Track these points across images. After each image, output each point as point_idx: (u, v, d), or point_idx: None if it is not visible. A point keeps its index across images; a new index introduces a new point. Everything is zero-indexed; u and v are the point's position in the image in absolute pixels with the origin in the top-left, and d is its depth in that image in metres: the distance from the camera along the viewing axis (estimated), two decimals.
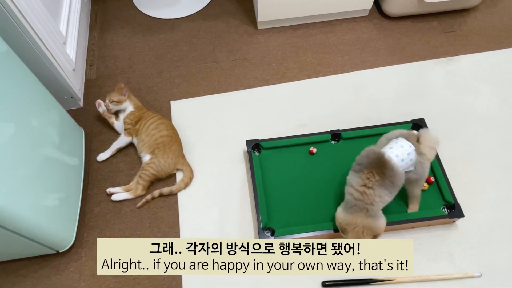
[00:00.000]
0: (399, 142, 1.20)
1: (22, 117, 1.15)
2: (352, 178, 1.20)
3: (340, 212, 1.22)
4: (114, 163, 1.55)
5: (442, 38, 1.86)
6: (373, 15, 1.95)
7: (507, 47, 1.81)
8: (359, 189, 1.16)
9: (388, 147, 1.20)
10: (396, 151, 1.18)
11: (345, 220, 1.19)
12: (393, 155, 1.17)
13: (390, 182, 1.15)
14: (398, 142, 1.20)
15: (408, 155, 1.18)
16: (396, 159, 1.16)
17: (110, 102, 1.55)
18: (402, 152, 1.18)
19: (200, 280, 1.30)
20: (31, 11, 1.34)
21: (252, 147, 1.49)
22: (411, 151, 1.19)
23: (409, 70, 1.76)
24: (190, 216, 1.43)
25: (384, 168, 1.15)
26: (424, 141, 1.23)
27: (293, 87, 1.72)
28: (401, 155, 1.17)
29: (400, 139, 1.22)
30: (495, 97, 1.66)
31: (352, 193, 1.18)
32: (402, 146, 1.19)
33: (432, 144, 1.24)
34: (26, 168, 1.13)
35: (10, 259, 1.34)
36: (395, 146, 1.19)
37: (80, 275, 1.33)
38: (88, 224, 1.43)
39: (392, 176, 1.15)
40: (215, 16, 1.97)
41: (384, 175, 1.15)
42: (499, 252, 1.32)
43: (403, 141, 1.20)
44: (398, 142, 1.20)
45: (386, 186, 1.16)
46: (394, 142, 1.21)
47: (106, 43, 1.90)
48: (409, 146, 1.19)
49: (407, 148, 1.19)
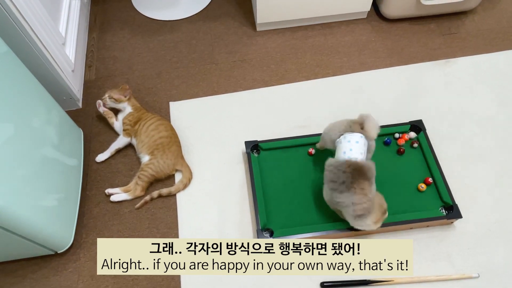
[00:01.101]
0: (350, 139, 1.21)
1: (21, 118, 1.15)
2: (347, 198, 1.18)
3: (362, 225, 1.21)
4: (113, 164, 1.55)
5: (440, 40, 1.87)
6: (371, 17, 1.96)
7: (505, 49, 1.82)
8: (363, 204, 1.16)
9: (347, 148, 1.20)
10: (357, 149, 1.20)
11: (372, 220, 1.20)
12: (359, 156, 1.19)
13: (371, 177, 1.20)
14: (350, 139, 1.21)
15: (364, 146, 1.22)
16: (362, 156, 1.20)
17: (108, 98, 1.56)
18: (360, 147, 1.20)
19: (199, 281, 1.30)
20: (30, 12, 1.34)
21: (251, 148, 1.49)
22: (364, 141, 1.21)
23: (407, 72, 1.76)
24: (189, 217, 1.43)
25: (364, 172, 1.17)
26: (368, 127, 1.23)
27: (292, 88, 1.73)
28: (361, 149, 1.20)
29: (346, 134, 1.23)
30: (492, 99, 1.67)
31: (356, 210, 1.17)
32: (357, 141, 1.21)
33: (376, 126, 1.25)
34: (25, 169, 1.13)
35: (8, 260, 1.34)
36: (351, 145, 1.20)
37: (78, 276, 1.33)
38: (87, 225, 1.43)
39: (371, 172, 1.20)
40: (214, 17, 1.98)
41: (368, 176, 1.18)
42: (497, 253, 1.33)
43: (352, 136, 1.22)
44: (350, 140, 1.21)
45: (372, 182, 1.21)
46: (346, 140, 1.22)
47: (106, 44, 1.90)
48: (360, 137, 1.21)
49: (360, 141, 1.21)
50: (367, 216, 1.18)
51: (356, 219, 1.20)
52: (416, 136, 1.52)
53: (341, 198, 1.19)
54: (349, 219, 1.23)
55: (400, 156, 1.49)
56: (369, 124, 1.23)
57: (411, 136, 1.51)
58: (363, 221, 1.19)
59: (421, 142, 1.49)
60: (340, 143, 1.24)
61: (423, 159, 1.47)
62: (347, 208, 1.20)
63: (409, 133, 1.52)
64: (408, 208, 1.37)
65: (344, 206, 1.20)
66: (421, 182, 1.42)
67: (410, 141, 1.51)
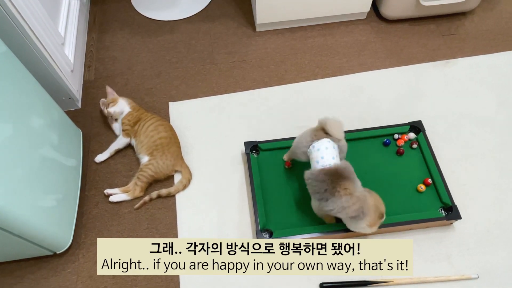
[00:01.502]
0: (319, 147, 1.21)
1: (20, 118, 1.15)
2: (335, 204, 1.17)
3: (358, 227, 1.21)
4: (112, 164, 1.55)
5: (439, 41, 1.87)
6: (371, 18, 1.96)
7: (504, 50, 1.82)
8: (353, 205, 1.16)
9: (319, 157, 1.20)
10: (327, 155, 1.19)
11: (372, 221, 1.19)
12: (332, 161, 1.19)
13: (349, 175, 1.20)
14: (319, 147, 1.21)
15: (334, 149, 1.21)
16: (335, 160, 1.20)
17: (107, 108, 1.55)
18: (330, 152, 1.20)
19: (198, 282, 1.30)
20: (29, 12, 1.34)
21: (250, 149, 1.49)
22: (332, 144, 1.21)
23: (406, 73, 1.76)
24: (188, 218, 1.42)
25: (341, 173, 1.17)
26: (331, 129, 1.23)
27: (291, 89, 1.73)
28: (332, 154, 1.20)
29: (314, 144, 1.22)
30: (492, 100, 1.67)
31: (349, 212, 1.17)
32: (326, 147, 1.20)
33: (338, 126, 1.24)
34: (23, 169, 1.12)
35: (6, 260, 1.34)
36: (321, 152, 1.20)
37: (77, 276, 1.33)
38: (86, 225, 1.42)
39: (348, 170, 1.20)
40: (213, 18, 1.98)
41: (345, 176, 1.18)
42: (496, 253, 1.33)
43: (320, 143, 1.21)
44: (319, 148, 1.21)
45: (353, 180, 1.20)
46: (315, 150, 1.22)
47: (105, 45, 1.90)
48: (328, 142, 1.21)
49: (329, 146, 1.21)
50: (362, 218, 1.17)
51: (352, 221, 1.20)
52: (416, 137, 1.52)
53: (329, 205, 1.19)
54: (346, 222, 1.23)
55: (399, 157, 1.49)
56: (330, 126, 1.23)
57: (411, 137, 1.52)
58: (358, 223, 1.18)
59: (420, 143, 1.49)
60: (311, 153, 1.24)
61: (423, 160, 1.47)
62: (340, 214, 1.20)
63: (408, 134, 1.52)
64: (408, 209, 1.37)
65: (336, 213, 1.20)
66: (420, 183, 1.42)
67: (410, 142, 1.52)
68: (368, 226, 1.17)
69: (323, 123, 1.25)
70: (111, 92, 1.58)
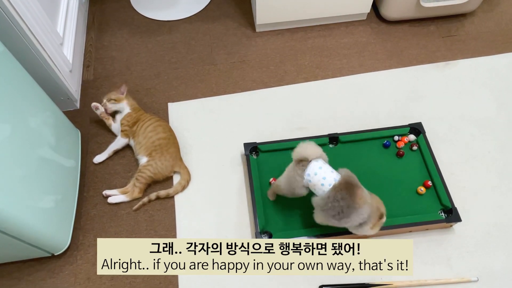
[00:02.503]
0: (316, 172, 1.17)
1: (17, 119, 1.14)
2: (357, 216, 1.15)
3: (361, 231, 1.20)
4: (111, 165, 1.54)
5: (439, 42, 1.87)
6: (371, 19, 1.95)
7: (504, 52, 1.82)
8: (366, 213, 1.15)
9: (321, 179, 1.17)
10: (327, 173, 1.17)
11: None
12: (334, 175, 1.17)
13: (357, 180, 1.19)
14: (316, 172, 1.17)
15: (325, 164, 1.20)
16: (334, 173, 1.18)
17: (108, 101, 1.54)
18: (326, 169, 1.18)
19: (196, 284, 1.30)
20: (28, 12, 1.33)
21: (250, 150, 1.48)
22: (320, 162, 1.19)
23: (406, 74, 1.76)
24: (187, 219, 1.42)
25: (351, 181, 1.15)
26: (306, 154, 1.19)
27: (291, 90, 1.72)
28: (328, 170, 1.18)
29: (309, 172, 1.18)
30: (492, 102, 1.67)
31: (364, 219, 1.16)
32: (320, 167, 1.18)
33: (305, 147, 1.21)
34: (21, 170, 1.12)
35: (4, 262, 1.33)
36: (320, 174, 1.17)
37: (75, 278, 1.32)
38: (84, 226, 1.41)
39: (353, 177, 1.18)
40: (213, 18, 1.97)
41: (356, 182, 1.16)
42: (496, 256, 1.32)
43: (312, 168, 1.18)
44: (316, 172, 1.17)
45: (361, 185, 1.18)
46: (312, 177, 1.18)
47: (104, 45, 1.89)
48: (316, 162, 1.19)
49: (320, 164, 1.18)
50: (367, 223, 1.17)
51: (357, 228, 1.19)
52: (416, 138, 1.51)
53: (351, 220, 1.15)
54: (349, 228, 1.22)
55: (399, 159, 1.49)
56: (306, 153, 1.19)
57: (411, 138, 1.51)
58: (363, 228, 1.18)
59: (420, 145, 1.49)
60: (310, 182, 1.20)
61: (423, 162, 1.47)
62: (356, 223, 1.17)
63: (408, 136, 1.52)
64: (407, 211, 1.37)
65: (353, 224, 1.17)
66: (420, 185, 1.42)
67: (410, 143, 1.51)
68: (370, 229, 1.17)
69: (299, 156, 1.20)
70: (123, 91, 1.56)
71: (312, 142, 1.23)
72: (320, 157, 1.21)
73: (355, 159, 1.48)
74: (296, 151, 1.21)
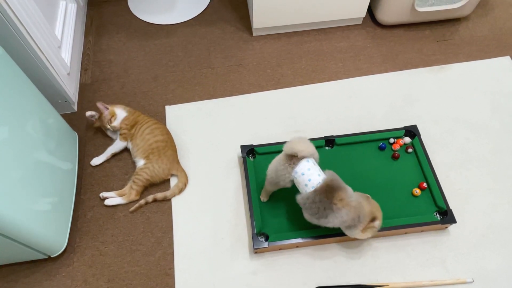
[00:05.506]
0: (303, 171, 1.19)
1: (15, 121, 1.15)
2: (335, 218, 1.17)
3: (353, 234, 1.22)
4: (108, 167, 1.54)
5: (434, 46, 1.89)
6: (366, 23, 1.98)
7: (498, 56, 1.84)
8: (350, 214, 1.16)
9: (306, 180, 1.19)
10: (313, 175, 1.18)
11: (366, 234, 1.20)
12: (319, 178, 1.18)
13: (340, 184, 1.19)
14: (303, 172, 1.19)
15: (315, 165, 1.21)
16: (321, 176, 1.19)
17: (110, 124, 1.52)
18: (314, 171, 1.19)
19: (193, 285, 1.30)
20: (26, 15, 1.34)
21: (246, 153, 1.49)
22: (311, 162, 1.20)
23: (402, 78, 1.78)
24: (184, 221, 1.42)
25: (332, 186, 1.16)
26: (298, 150, 1.19)
27: (287, 93, 1.73)
28: (316, 172, 1.19)
29: (296, 170, 1.20)
30: (486, 105, 1.69)
31: (347, 222, 1.17)
32: (308, 168, 1.19)
33: (307, 143, 1.22)
34: (18, 172, 1.12)
35: (0, 264, 1.33)
36: (307, 176, 1.18)
37: (72, 280, 1.32)
38: (81, 229, 1.42)
39: (337, 180, 1.19)
40: (210, 22, 1.99)
41: (336, 186, 1.17)
42: (491, 258, 1.33)
43: (302, 167, 1.19)
44: (303, 172, 1.19)
45: (344, 188, 1.19)
46: (299, 175, 1.19)
47: (102, 48, 1.90)
48: (307, 162, 1.20)
49: (310, 165, 1.20)
50: (357, 226, 1.18)
51: (347, 229, 1.21)
52: (411, 141, 1.53)
53: (330, 221, 1.19)
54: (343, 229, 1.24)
55: (394, 161, 1.50)
56: (297, 148, 1.19)
57: (406, 141, 1.52)
58: (352, 230, 1.20)
59: (415, 148, 1.50)
60: (296, 179, 1.22)
61: (418, 164, 1.48)
62: (339, 225, 1.20)
63: (403, 138, 1.53)
64: (403, 213, 1.38)
65: (335, 225, 1.20)
66: (415, 187, 1.43)
67: (405, 146, 1.52)
68: (361, 232, 1.18)
69: (290, 151, 1.20)
70: (104, 107, 1.52)
71: (305, 138, 1.24)
72: (312, 155, 1.21)
73: (351, 161, 1.50)
74: (288, 145, 1.21)
